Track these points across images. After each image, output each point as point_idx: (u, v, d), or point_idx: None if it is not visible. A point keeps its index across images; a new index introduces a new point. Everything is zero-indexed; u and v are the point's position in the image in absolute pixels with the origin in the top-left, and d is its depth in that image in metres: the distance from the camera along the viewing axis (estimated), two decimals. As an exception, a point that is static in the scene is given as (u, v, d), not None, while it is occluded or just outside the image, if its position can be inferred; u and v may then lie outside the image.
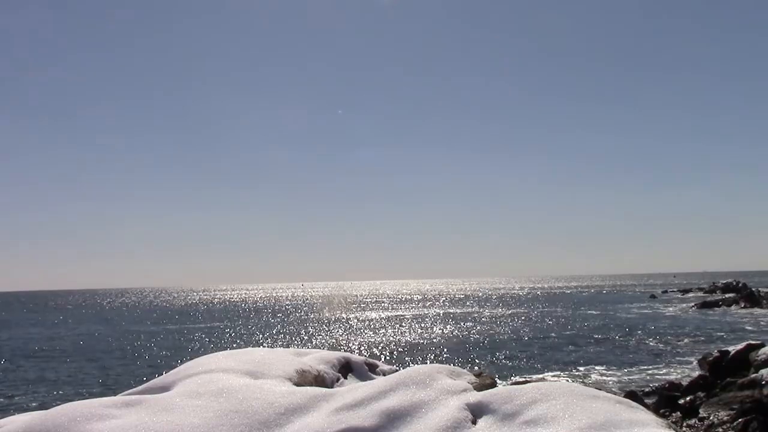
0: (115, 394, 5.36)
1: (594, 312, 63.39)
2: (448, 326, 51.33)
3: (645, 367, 26.85)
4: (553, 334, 42.11)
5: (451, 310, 74.63)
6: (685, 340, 36.20)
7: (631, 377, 24.49)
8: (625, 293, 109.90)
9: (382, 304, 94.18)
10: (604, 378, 24.42)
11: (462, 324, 53.22)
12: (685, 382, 18.44)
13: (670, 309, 63.96)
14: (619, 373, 25.53)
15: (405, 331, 47.31)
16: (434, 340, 40.58)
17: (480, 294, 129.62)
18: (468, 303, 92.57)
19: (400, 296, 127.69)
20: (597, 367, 27.31)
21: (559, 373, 26.03)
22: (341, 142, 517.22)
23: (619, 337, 39.14)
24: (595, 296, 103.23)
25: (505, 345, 37.00)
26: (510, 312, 68.26)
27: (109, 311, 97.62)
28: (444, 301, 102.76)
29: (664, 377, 23.20)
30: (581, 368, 27.22)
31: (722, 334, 38.72)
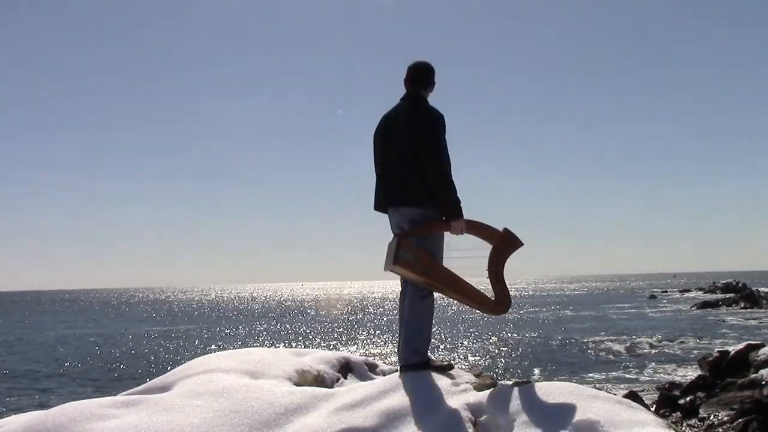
0: (115, 394, 5.35)
1: (593, 312, 63.37)
2: (447, 326, 51.32)
3: (644, 367, 26.88)
4: (552, 334, 42.13)
5: (451, 310, 74.59)
6: (685, 341, 36.22)
7: (630, 377, 24.51)
8: (625, 293, 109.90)
9: (382, 304, 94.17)
10: (604, 378, 24.43)
11: (461, 324, 53.21)
12: (685, 382, 18.43)
13: (670, 309, 63.96)
14: (618, 373, 25.55)
15: (405, 331, 47.22)
16: (434, 340, 40.55)
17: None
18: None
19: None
20: (596, 367, 27.33)
21: (558, 373, 26.04)
22: (341, 142, 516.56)
23: (618, 337, 39.15)
24: (595, 296, 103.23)
25: (506, 345, 37.02)
26: (509, 311, 68.15)
27: (109, 311, 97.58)
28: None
29: (664, 377, 23.23)
30: (581, 368, 27.23)
31: (722, 334, 38.74)
